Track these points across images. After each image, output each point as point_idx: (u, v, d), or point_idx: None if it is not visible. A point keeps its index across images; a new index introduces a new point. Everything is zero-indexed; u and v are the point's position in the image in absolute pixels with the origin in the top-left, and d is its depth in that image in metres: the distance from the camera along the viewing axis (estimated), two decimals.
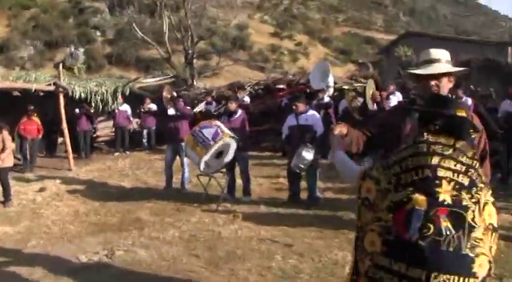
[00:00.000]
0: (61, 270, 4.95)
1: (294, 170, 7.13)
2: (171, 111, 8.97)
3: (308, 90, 12.40)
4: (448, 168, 2.10)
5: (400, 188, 2.13)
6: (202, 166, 7.31)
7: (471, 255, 2.01)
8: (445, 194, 2.04)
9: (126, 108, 13.68)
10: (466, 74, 12.79)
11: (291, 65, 35.80)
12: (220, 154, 7.39)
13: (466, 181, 2.09)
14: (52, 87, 11.63)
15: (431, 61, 2.78)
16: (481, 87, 11.65)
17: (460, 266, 2.00)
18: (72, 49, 30.19)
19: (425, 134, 2.23)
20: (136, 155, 13.10)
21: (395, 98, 10.39)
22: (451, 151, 2.14)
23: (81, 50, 30.70)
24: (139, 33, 17.82)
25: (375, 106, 6.79)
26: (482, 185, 2.13)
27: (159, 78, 16.52)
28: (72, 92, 12.24)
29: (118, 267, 4.98)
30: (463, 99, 9.44)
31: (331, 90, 11.50)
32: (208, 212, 7.23)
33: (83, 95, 12.57)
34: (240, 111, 8.25)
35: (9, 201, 8.22)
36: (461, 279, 1.98)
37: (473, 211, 2.05)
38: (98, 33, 34.45)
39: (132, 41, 23.04)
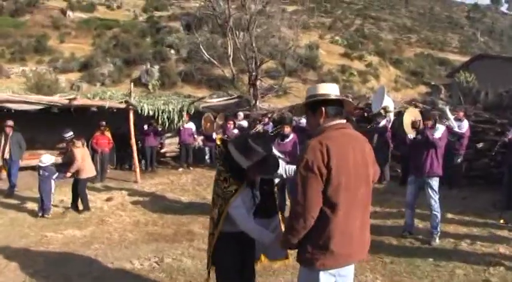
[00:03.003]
0: (115, 271, 5.70)
1: None
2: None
3: (366, 114, 12.54)
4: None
5: None
6: None
7: None
8: None
9: (191, 126, 14.39)
10: None
11: (361, 86, 35.62)
12: None
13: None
14: (123, 105, 12.58)
15: (313, 96, 3.10)
16: None
17: None
18: (148, 66, 31.78)
19: None
20: (198, 171, 13.73)
21: (466, 124, 10.38)
22: None
23: (156, 67, 32.24)
24: (206, 55, 18.68)
25: (415, 134, 6.89)
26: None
27: (223, 98, 17.19)
28: (141, 110, 13.10)
29: (165, 273, 5.59)
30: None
31: (391, 115, 11.45)
32: None
33: (151, 113, 13.40)
34: (292, 135, 8.60)
35: (87, 210, 9.00)
36: None
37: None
38: (172, 52, 36.13)
39: (202, 60, 24.07)
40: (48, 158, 9.13)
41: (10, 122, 10.95)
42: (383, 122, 11.17)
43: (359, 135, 3.13)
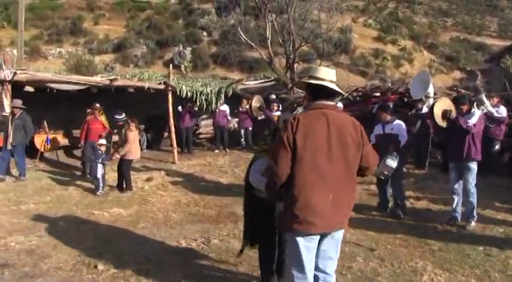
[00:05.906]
0: (164, 250, 5.77)
1: (379, 176, 7.29)
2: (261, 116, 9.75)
3: (406, 100, 12.30)
4: None
5: None
6: None
7: None
8: None
9: (225, 108, 14.38)
10: None
11: (394, 71, 34.90)
12: None
13: None
14: (162, 86, 12.65)
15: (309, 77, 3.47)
16: None
17: None
18: (181, 48, 31.80)
19: None
20: (235, 153, 13.72)
21: (503, 109, 10.10)
22: None
23: (189, 49, 32.26)
24: (243, 36, 18.48)
25: (445, 125, 6.75)
26: None
27: (260, 81, 17.11)
28: (180, 91, 13.15)
29: (213, 253, 5.64)
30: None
31: (430, 101, 11.20)
32: None
33: (189, 94, 13.44)
34: None
35: (129, 190, 9.15)
36: None
37: None
38: (205, 34, 36.07)
39: (236, 43, 23.90)
40: (101, 142, 9.55)
41: (18, 102, 9.90)
42: (424, 108, 10.94)
43: (344, 117, 3.41)
